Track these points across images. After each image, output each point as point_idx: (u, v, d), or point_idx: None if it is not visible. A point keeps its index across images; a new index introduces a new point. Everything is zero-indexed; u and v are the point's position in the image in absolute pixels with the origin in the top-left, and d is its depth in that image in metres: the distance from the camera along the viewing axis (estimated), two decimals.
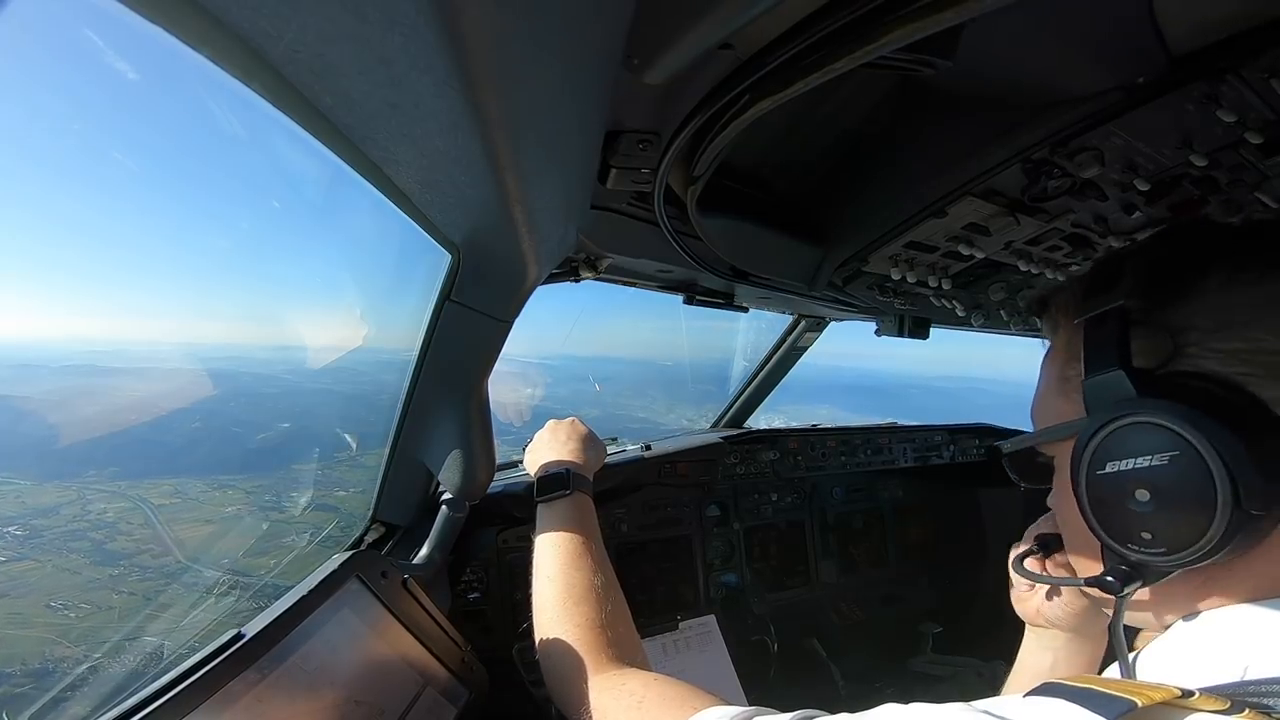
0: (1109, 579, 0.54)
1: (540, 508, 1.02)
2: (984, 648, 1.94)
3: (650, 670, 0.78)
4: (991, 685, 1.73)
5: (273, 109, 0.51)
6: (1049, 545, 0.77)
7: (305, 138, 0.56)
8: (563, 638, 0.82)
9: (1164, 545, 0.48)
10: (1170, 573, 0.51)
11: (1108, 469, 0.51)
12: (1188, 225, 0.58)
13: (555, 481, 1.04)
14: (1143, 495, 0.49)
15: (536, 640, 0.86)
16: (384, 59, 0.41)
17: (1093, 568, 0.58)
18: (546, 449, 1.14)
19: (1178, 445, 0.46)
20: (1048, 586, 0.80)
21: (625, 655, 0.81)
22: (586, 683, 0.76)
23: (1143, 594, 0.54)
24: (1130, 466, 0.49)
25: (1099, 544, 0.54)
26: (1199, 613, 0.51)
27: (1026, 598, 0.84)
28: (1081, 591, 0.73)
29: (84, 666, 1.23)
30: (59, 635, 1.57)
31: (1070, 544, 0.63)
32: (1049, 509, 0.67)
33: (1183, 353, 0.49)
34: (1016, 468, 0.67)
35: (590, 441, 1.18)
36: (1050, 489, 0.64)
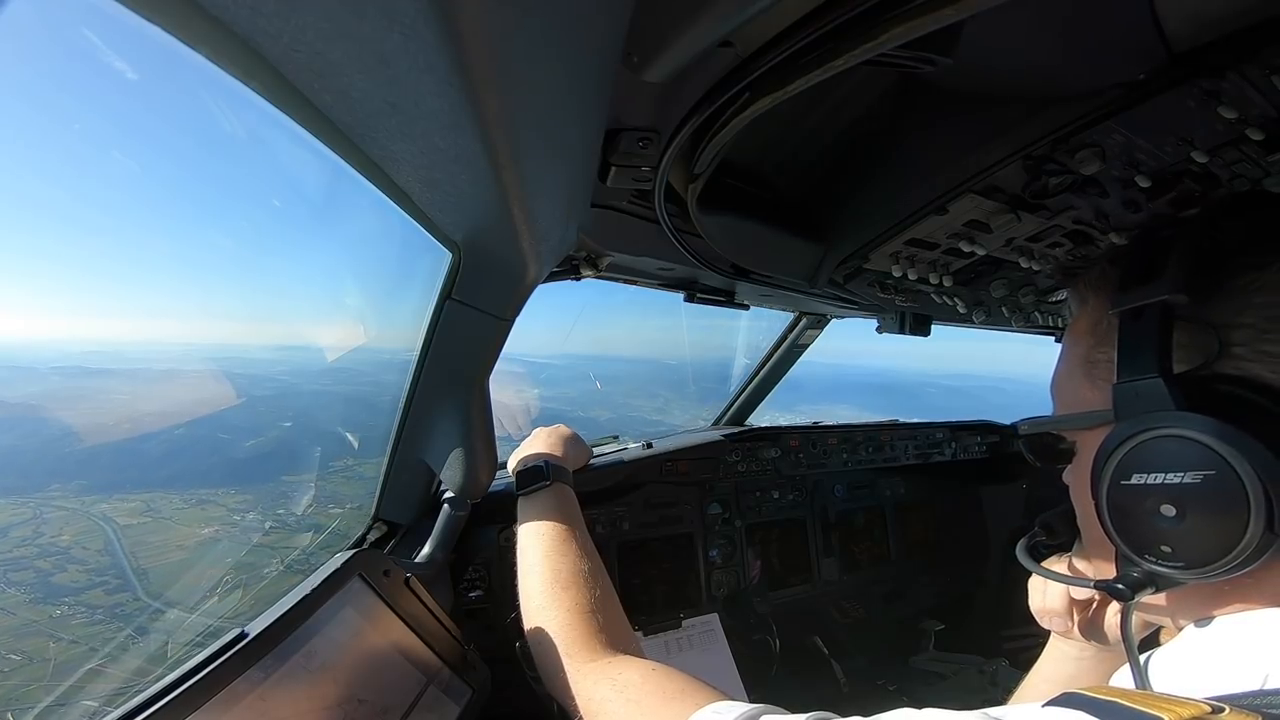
0: (1120, 586, 0.52)
1: (520, 500, 1.01)
2: (986, 645, 1.95)
3: (644, 657, 0.76)
4: (994, 683, 1.74)
5: (272, 108, 0.51)
6: (1052, 527, 0.72)
7: (305, 137, 0.56)
8: (551, 624, 0.80)
9: (1183, 560, 0.46)
10: (1185, 582, 0.49)
11: (1133, 480, 0.48)
12: (1242, 200, 0.53)
13: (534, 474, 1.03)
14: (1168, 510, 0.46)
15: (525, 629, 0.84)
16: (383, 58, 0.41)
17: (1106, 568, 0.56)
18: (526, 449, 1.14)
19: (1215, 465, 0.43)
20: (1084, 606, 0.74)
21: (618, 641, 0.79)
22: (580, 670, 0.74)
23: (1157, 598, 0.53)
24: (1159, 481, 0.46)
25: (1114, 547, 0.52)
26: (1213, 618, 0.49)
27: (1053, 611, 0.75)
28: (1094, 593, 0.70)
29: None
30: None
31: (1084, 537, 0.61)
32: (1053, 505, 0.66)
33: (1228, 353, 0.45)
34: (1033, 447, 0.63)
35: (573, 441, 1.18)
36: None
